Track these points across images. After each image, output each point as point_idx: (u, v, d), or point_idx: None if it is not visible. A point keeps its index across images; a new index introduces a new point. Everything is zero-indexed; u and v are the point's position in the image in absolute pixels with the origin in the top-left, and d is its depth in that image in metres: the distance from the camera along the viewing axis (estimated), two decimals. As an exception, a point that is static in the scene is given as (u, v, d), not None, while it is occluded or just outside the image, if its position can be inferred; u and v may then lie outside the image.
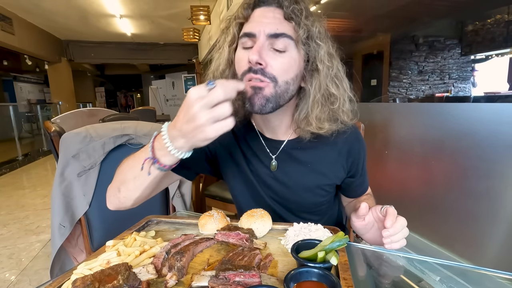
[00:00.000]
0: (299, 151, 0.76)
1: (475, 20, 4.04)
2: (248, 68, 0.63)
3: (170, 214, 1.31)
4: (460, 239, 1.40)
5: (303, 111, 0.68)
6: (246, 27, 0.66)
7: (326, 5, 3.26)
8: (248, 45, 0.64)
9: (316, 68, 0.66)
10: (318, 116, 0.67)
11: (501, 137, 1.20)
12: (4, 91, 11.07)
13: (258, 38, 0.62)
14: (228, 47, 0.69)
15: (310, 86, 0.67)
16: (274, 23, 0.63)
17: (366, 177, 0.86)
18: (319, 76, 0.66)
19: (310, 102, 0.67)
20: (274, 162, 0.77)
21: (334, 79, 0.67)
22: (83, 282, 0.43)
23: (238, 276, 0.46)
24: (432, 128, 1.51)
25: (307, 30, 0.63)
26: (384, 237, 0.56)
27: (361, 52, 5.05)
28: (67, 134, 1.20)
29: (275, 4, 0.65)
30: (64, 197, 1.16)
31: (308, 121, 0.68)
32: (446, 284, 0.58)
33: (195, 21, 4.77)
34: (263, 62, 0.61)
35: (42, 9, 6.11)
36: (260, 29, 0.62)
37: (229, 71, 0.70)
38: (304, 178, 0.77)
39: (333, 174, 0.78)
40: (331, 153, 0.76)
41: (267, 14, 0.64)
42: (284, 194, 0.78)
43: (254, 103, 0.63)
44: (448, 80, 4.79)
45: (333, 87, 0.67)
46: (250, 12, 0.66)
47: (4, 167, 5.22)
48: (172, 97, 11.88)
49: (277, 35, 0.62)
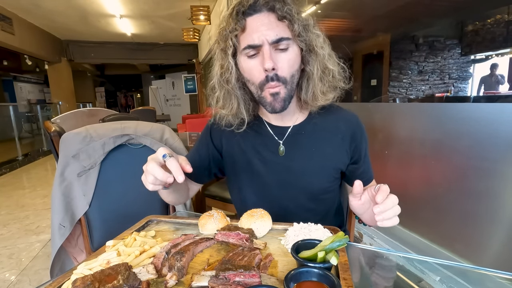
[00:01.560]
0: (303, 136, 0.82)
1: (475, 20, 4.05)
2: (265, 78, 0.71)
3: (170, 214, 1.31)
4: (460, 239, 1.40)
5: (309, 90, 0.76)
6: (247, 38, 0.70)
7: (326, 5, 3.26)
8: (252, 53, 0.71)
9: (315, 53, 0.74)
10: (322, 90, 0.76)
11: (501, 137, 1.20)
12: (4, 91, 11.08)
13: (263, 46, 0.69)
14: (232, 58, 0.74)
15: (312, 68, 0.74)
16: (273, 29, 0.68)
17: (369, 165, 0.87)
18: (318, 58, 0.74)
19: (315, 81, 0.75)
20: (282, 147, 0.82)
21: (329, 57, 0.76)
22: (83, 282, 0.43)
23: (238, 276, 0.46)
24: (432, 128, 1.51)
25: (302, 24, 0.70)
26: (375, 213, 0.56)
27: (361, 52, 5.05)
28: (67, 134, 1.20)
29: (266, 9, 0.69)
30: (64, 197, 1.16)
31: (315, 97, 0.77)
32: (446, 284, 0.58)
33: (195, 21, 4.76)
34: (275, 66, 0.69)
35: (42, 9, 6.11)
36: (263, 39, 0.68)
37: (232, 76, 0.76)
38: (309, 162, 0.81)
39: (337, 158, 0.82)
40: (334, 138, 0.82)
41: (263, 21, 0.69)
42: (291, 180, 0.82)
43: (276, 107, 0.74)
44: (448, 80, 4.79)
45: (329, 63, 0.76)
46: (244, 23, 0.70)
47: (4, 167, 5.22)
48: (172, 97, 11.89)
49: (278, 40, 0.69)
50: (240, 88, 0.78)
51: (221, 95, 0.79)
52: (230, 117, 0.81)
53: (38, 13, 6.37)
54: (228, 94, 0.79)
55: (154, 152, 0.63)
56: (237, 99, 0.78)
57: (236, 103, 0.79)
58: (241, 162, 0.86)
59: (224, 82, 0.77)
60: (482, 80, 4.29)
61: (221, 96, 0.79)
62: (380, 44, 4.87)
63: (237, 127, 0.83)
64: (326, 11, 3.35)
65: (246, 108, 0.80)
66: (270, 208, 0.86)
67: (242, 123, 0.82)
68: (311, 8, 3.30)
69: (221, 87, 0.78)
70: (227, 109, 0.80)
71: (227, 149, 0.88)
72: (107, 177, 1.22)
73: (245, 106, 0.80)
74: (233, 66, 0.75)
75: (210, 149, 0.90)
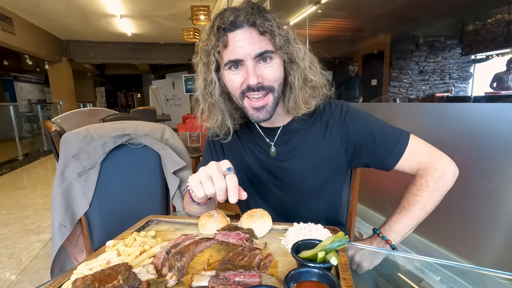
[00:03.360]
0: (292, 135, 0.83)
1: (475, 20, 4.04)
2: (247, 88, 0.72)
3: (170, 214, 1.31)
4: (460, 239, 1.40)
5: (292, 99, 0.77)
6: (230, 54, 0.71)
7: (326, 5, 3.26)
8: (234, 68, 0.72)
9: (296, 64, 0.75)
10: (304, 99, 0.77)
11: (501, 137, 1.20)
12: (4, 91, 11.09)
13: (246, 61, 0.70)
14: (214, 73, 0.75)
15: (293, 78, 0.76)
16: (255, 43, 0.69)
17: (391, 136, 0.77)
18: (299, 69, 0.75)
19: (296, 91, 0.76)
20: (273, 148, 0.84)
21: (310, 66, 0.77)
22: (83, 282, 0.43)
23: (238, 276, 0.46)
24: (432, 128, 1.51)
25: (282, 38, 0.71)
26: None
27: (361, 52, 5.06)
28: (68, 134, 1.20)
29: (247, 25, 0.69)
30: (64, 197, 1.16)
31: (297, 105, 0.78)
32: (446, 284, 0.58)
33: (195, 21, 4.76)
34: (260, 80, 0.71)
35: (43, 9, 6.12)
36: (246, 54, 0.69)
37: (215, 91, 0.78)
38: (300, 160, 0.82)
39: (328, 151, 0.81)
40: (322, 132, 0.82)
41: (245, 36, 0.69)
42: (285, 178, 0.83)
43: (260, 118, 0.75)
44: (449, 80, 4.79)
45: (310, 72, 0.77)
46: (225, 39, 0.70)
47: (5, 167, 5.23)
48: (172, 97, 11.88)
49: (261, 54, 0.70)
50: (225, 100, 0.80)
51: (206, 107, 0.81)
52: (216, 128, 0.84)
53: (38, 13, 6.37)
54: (212, 106, 0.81)
55: (154, 152, 0.63)
56: (221, 111, 0.81)
57: (221, 114, 0.81)
58: (240, 163, 0.89)
59: (208, 95, 0.79)
60: (496, 77, 4.14)
61: (206, 108, 0.82)
62: (380, 44, 4.87)
63: (224, 137, 0.85)
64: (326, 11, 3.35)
65: (231, 118, 0.82)
66: (268, 205, 0.87)
67: (228, 133, 0.84)
68: (311, 8, 3.30)
69: (205, 100, 0.81)
70: (212, 120, 0.82)
71: (228, 152, 0.92)
72: (107, 177, 1.22)
73: (230, 116, 0.82)
74: (216, 81, 0.76)
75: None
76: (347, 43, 4.90)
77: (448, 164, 0.75)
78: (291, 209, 0.86)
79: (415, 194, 0.74)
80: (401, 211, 0.73)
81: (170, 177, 1.27)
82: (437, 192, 0.73)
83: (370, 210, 2.09)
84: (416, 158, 0.77)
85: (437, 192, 0.73)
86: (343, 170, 0.85)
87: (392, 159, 0.77)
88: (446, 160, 0.76)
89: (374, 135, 0.77)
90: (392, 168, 0.79)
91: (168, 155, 1.26)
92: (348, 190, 1.03)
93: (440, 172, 0.74)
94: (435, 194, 0.73)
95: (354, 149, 0.80)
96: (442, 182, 0.73)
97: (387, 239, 0.71)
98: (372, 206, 2.09)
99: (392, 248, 0.70)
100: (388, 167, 0.79)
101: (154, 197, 1.30)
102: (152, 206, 1.29)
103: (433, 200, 0.73)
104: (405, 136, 0.78)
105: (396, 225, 0.72)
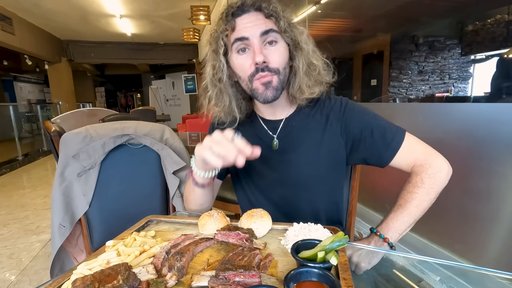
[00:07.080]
0: (294, 126, 0.85)
1: (475, 20, 4.04)
2: (255, 69, 0.74)
3: (170, 214, 1.31)
4: (460, 239, 1.40)
5: (296, 84, 0.79)
6: (237, 34, 0.75)
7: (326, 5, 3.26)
8: (241, 47, 0.75)
9: (300, 48, 0.78)
10: (308, 84, 0.79)
11: (501, 137, 1.20)
12: (4, 91, 11.08)
13: (252, 40, 0.73)
14: (223, 57, 0.78)
15: (298, 63, 0.78)
16: (260, 24, 0.74)
17: (389, 129, 0.79)
18: (303, 53, 0.78)
19: (301, 76, 0.78)
20: (276, 141, 0.85)
21: (313, 52, 0.80)
22: (83, 282, 0.43)
23: (238, 276, 0.46)
24: (432, 128, 1.51)
25: (287, 21, 0.75)
26: None
27: (361, 52, 5.05)
28: (67, 134, 1.20)
29: (253, 9, 0.75)
30: (64, 197, 1.16)
31: (301, 90, 0.79)
32: (446, 284, 0.58)
33: (195, 21, 4.76)
34: (266, 60, 0.73)
35: (42, 9, 6.11)
36: (251, 33, 0.73)
37: (223, 74, 0.80)
38: (301, 152, 0.83)
39: (329, 144, 0.82)
40: (323, 125, 0.83)
41: (251, 19, 0.74)
42: (286, 171, 0.84)
43: (268, 96, 0.76)
44: (448, 80, 4.79)
45: (313, 58, 0.79)
46: (233, 23, 0.75)
47: (4, 167, 5.22)
48: (172, 97, 11.89)
49: (267, 32, 0.73)
50: (232, 86, 0.82)
51: (213, 94, 0.83)
52: (222, 114, 0.85)
53: (38, 13, 6.37)
54: (220, 93, 0.82)
55: (154, 152, 0.64)
56: (229, 96, 0.82)
57: (228, 100, 0.82)
58: None
59: (216, 81, 0.81)
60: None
61: (213, 95, 0.83)
62: (380, 44, 4.87)
63: (230, 125, 0.86)
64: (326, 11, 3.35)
65: (238, 106, 0.84)
66: (268, 199, 0.87)
67: (234, 121, 0.86)
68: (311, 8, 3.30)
69: (213, 86, 0.82)
70: (220, 106, 0.84)
71: None
72: (107, 177, 1.22)
73: (236, 104, 0.83)
74: (224, 64, 0.78)
75: None
76: (347, 43, 4.90)
77: (442, 163, 0.77)
78: (290, 203, 0.86)
79: (411, 191, 0.74)
80: (398, 209, 0.74)
81: (170, 177, 1.27)
82: (432, 189, 0.74)
83: (370, 210, 2.09)
84: (412, 154, 0.78)
85: (432, 189, 0.74)
86: (343, 164, 0.85)
87: (389, 153, 0.78)
88: (440, 158, 0.77)
89: (372, 129, 0.79)
90: (389, 163, 0.80)
91: (168, 155, 1.26)
92: (348, 190, 1.04)
93: (434, 169, 0.75)
94: (431, 191, 0.74)
95: (353, 143, 0.82)
96: (437, 179, 0.74)
97: (384, 237, 0.71)
98: (371, 206, 2.09)
99: (390, 246, 0.70)
100: (385, 161, 0.80)
101: (154, 197, 1.30)
102: (152, 206, 1.29)
103: (428, 197, 0.74)
104: (401, 132, 0.80)
105: (393, 223, 0.72)
